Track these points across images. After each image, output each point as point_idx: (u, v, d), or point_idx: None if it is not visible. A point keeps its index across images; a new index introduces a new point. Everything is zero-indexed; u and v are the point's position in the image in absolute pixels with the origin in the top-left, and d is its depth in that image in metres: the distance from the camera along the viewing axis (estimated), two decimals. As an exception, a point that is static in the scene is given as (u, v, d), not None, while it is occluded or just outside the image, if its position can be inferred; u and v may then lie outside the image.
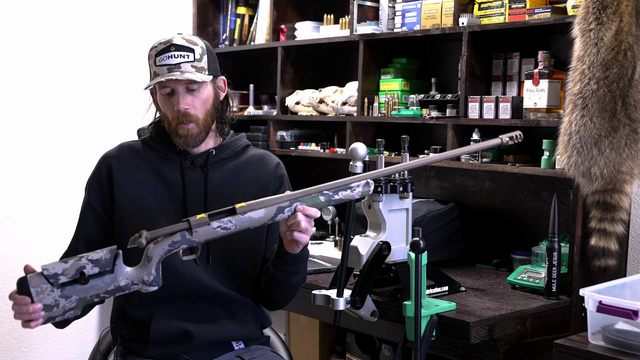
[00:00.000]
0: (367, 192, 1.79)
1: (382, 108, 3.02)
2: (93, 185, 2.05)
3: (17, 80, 3.21)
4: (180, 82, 1.95)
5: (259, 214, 1.73)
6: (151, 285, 1.69)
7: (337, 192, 1.78)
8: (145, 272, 1.68)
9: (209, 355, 2.00)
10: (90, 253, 1.66)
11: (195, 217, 1.69)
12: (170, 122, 1.99)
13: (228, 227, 1.71)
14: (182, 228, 1.69)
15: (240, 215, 1.71)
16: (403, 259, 2.23)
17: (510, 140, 1.85)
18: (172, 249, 1.68)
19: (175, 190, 2.02)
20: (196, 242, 1.70)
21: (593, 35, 2.19)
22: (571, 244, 2.36)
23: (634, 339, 1.87)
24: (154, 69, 1.97)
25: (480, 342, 2.12)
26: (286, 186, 2.12)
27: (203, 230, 1.69)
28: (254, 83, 3.66)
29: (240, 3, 3.70)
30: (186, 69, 1.95)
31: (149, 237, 1.65)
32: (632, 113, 2.19)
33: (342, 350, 3.18)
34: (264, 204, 1.73)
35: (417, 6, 2.89)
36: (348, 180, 1.77)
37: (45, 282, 1.64)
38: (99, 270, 1.66)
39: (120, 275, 1.67)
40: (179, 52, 1.95)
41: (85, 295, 1.66)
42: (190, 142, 1.99)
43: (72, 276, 1.64)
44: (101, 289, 1.67)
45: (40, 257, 3.27)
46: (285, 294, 2.05)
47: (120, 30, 3.50)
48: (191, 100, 1.97)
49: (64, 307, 1.65)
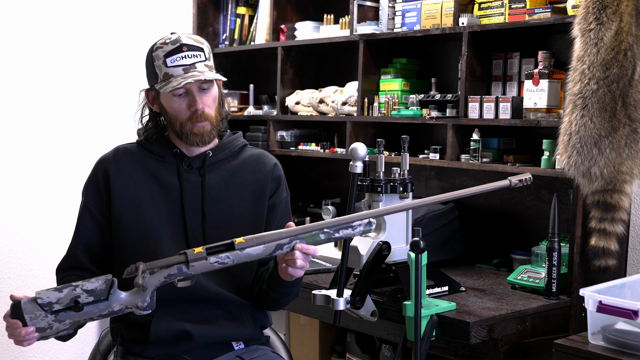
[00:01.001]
0: (369, 231, 1.78)
1: (382, 108, 3.02)
2: (90, 189, 2.04)
3: (17, 81, 3.20)
4: (194, 82, 1.94)
5: (257, 250, 1.72)
6: (145, 310, 1.70)
7: (338, 230, 1.75)
8: (139, 299, 1.69)
9: (209, 355, 2.00)
10: (85, 282, 1.66)
11: (193, 250, 1.69)
12: (182, 122, 1.98)
13: (225, 262, 1.70)
14: (179, 261, 1.68)
15: (238, 251, 1.71)
16: (403, 259, 2.23)
17: (520, 183, 1.84)
18: (168, 280, 1.69)
19: (172, 193, 2.01)
20: (192, 275, 1.70)
21: (593, 35, 2.19)
22: (571, 244, 2.36)
23: (634, 339, 1.87)
24: (164, 70, 1.95)
25: (480, 342, 2.12)
26: (283, 187, 2.11)
27: (200, 264, 1.69)
28: (254, 83, 3.66)
29: (240, 3, 3.70)
30: (201, 68, 1.95)
31: (145, 269, 1.66)
32: (632, 113, 2.19)
33: (342, 350, 3.18)
34: (263, 239, 1.72)
35: (417, 6, 2.89)
36: (350, 218, 1.74)
37: (39, 309, 1.65)
38: (94, 299, 1.67)
39: (114, 302, 1.68)
40: (192, 52, 1.95)
41: (78, 319, 1.67)
42: (206, 140, 2.00)
43: (67, 305, 1.66)
44: (95, 314, 1.68)
45: (41, 257, 3.27)
46: (278, 304, 2.07)
47: (120, 30, 3.50)
48: (205, 99, 1.97)
49: (57, 329, 1.67)
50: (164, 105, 2.00)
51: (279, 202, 2.08)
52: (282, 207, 2.09)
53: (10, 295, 1.70)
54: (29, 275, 3.27)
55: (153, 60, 1.97)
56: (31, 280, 3.27)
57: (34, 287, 3.28)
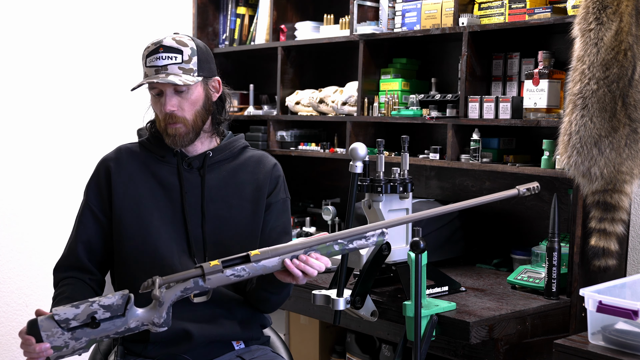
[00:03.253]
0: (382, 242, 1.80)
1: (382, 108, 3.02)
2: (92, 188, 2.05)
3: (17, 81, 3.20)
4: (167, 84, 1.95)
5: (272, 262, 1.73)
6: (161, 326, 1.70)
7: (352, 241, 1.77)
8: (156, 315, 1.69)
9: (209, 355, 2.00)
10: (102, 298, 1.67)
11: (209, 263, 1.69)
12: (159, 122, 2.01)
13: (241, 274, 1.71)
14: (195, 275, 1.69)
15: (254, 263, 1.72)
16: (403, 259, 2.23)
17: (528, 192, 1.85)
18: (184, 294, 1.69)
19: (172, 193, 2.02)
20: (208, 288, 1.70)
21: (593, 35, 2.19)
22: (571, 244, 2.36)
23: (634, 339, 1.87)
24: (144, 69, 1.99)
25: (480, 342, 2.12)
26: (281, 187, 2.11)
27: (216, 277, 1.69)
28: (254, 83, 3.66)
29: (240, 3, 3.70)
30: (173, 70, 1.95)
31: (161, 283, 1.66)
32: (632, 113, 2.19)
33: (342, 350, 3.18)
34: (278, 251, 1.74)
35: (417, 6, 2.89)
36: (364, 228, 1.76)
37: (56, 326, 1.65)
38: (111, 315, 1.67)
39: (131, 319, 1.68)
40: (167, 53, 1.95)
41: (95, 337, 1.67)
42: (178, 142, 2.00)
43: (83, 321, 1.65)
44: (111, 330, 1.68)
45: (40, 257, 3.28)
46: (268, 306, 2.06)
47: (120, 30, 3.50)
48: (178, 101, 1.97)
49: (74, 347, 1.67)
50: (151, 104, 2.04)
51: (275, 201, 2.08)
52: (278, 207, 2.09)
53: (36, 310, 1.70)
54: (29, 275, 3.27)
55: (142, 59, 2.01)
56: (31, 280, 3.28)
57: (34, 287, 3.28)
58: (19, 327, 3.22)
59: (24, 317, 3.24)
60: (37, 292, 3.29)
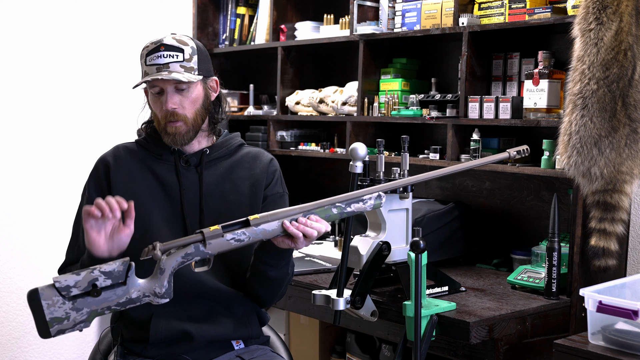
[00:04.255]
0: (379, 205, 1.80)
1: (382, 108, 3.02)
2: (92, 186, 2.06)
3: (16, 81, 3.20)
4: (169, 82, 1.96)
5: (272, 226, 1.75)
6: (163, 297, 1.69)
7: (350, 204, 1.79)
8: (157, 284, 1.68)
9: (209, 355, 2.00)
10: (102, 265, 1.66)
11: (209, 228, 1.70)
12: (159, 120, 2.01)
13: (242, 239, 1.72)
14: (195, 240, 1.69)
15: (253, 227, 1.72)
16: (403, 259, 2.23)
17: (518, 154, 1.86)
18: (185, 260, 1.69)
19: (171, 190, 2.03)
20: (209, 254, 1.70)
21: (593, 35, 2.19)
22: (571, 244, 2.36)
23: (634, 339, 1.87)
24: (144, 68, 2.00)
25: (480, 342, 2.12)
26: (278, 180, 2.12)
27: (217, 242, 1.70)
28: (254, 83, 3.66)
29: (240, 3, 3.70)
30: (174, 68, 1.96)
31: (162, 249, 1.66)
32: (632, 113, 2.19)
33: (342, 350, 3.18)
34: (277, 215, 1.75)
35: (417, 6, 2.89)
36: (360, 192, 1.78)
37: (56, 294, 1.63)
38: (112, 282, 1.65)
39: (132, 288, 1.68)
40: (169, 52, 1.96)
41: (96, 307, 1.65)
42: (178, 141, 2.00)
43: (84, 288, 1.64)
44: (113, 301, 1.66)
45: (41, 257, 3.27)
46: (266, 287, 2.02)
47: (120, 30, 3.50)
48: (179, 99, 1.98)
49: (75, 319, 1.64)
50: (149, 103, 2.05)
51: (271, 194, 2.09)
52: (274, 200, 2.09)
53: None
54: (29, 275, 3.27)
55: (140, 58, 2.02)
56: (31, 280, 3.27)
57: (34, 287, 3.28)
58: (19, 327, 3.23)
59: (24, 317, 3.24)
60: (37, 292, 3.28)
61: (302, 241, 1.79)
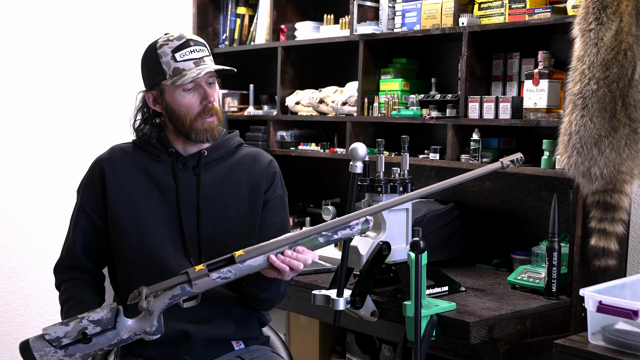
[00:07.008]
0: (367, 229, 1.78)
1: (382, 108, 3.02)
2: (86, 190, 2.04)
3: (14, 81, 3.20)
4: (205, 75, 1.96)
5: (258, 261, 1.72)
6: (154, 334, 1.70)
7: (337, 231, 1.76)
8: (147, 324, 1.69)
9: (209, 355, 2.00)
10: (90, 313, 1.66)
11: (194, 268, 1.69)
12: (192, 118, 1.97)
13: (227, 276, 1.70)
14: (181, 281, 1.69)
15: (239, 264, 1.71)
16: (403, 259, 2.23)
17: (511, 163, 1.85)
18: (173, 301, 1.69)
19: (168, 193, 2.01)
20: (196, 293, 1.70)
21: (593, 35, 2.19)
22: (571, 244, 2.36)
23: (634, 339, 1.87)
24: (174, 65, 1.94)
25: (480, 342, 2.12)
26: (278, 184, 2.10)
27: (202, 282, 1.69)
28: (254, 83, 3.66)
29: (240, 3, 3.71)
30: (209, 62, 1.98)
31: (148, 293, 1.66)
32: (632, 113, 2.19)
33: (342, 350, 3.18)
34: (263, 249, 1.73)
35: (417, 6, 2.89)
36: (347, 218, 1.75)
37: (47, 345, 1.64)
38: (101, 329, 1.67)
39: (122, 330, 1.68)
40: (198, 46, 1.98)
41: (89, 351, 1.67)
42: (215, 135, 2.00)
43: (75, 337, 1.65)
44: (104, 344, 1.68)
45: (40, 257, 3.27)
46: (260, 305, 2.04)
47: (120, 30, 3.50)
48: (214, 92, 2.00)
49: None
50: (170, 102, 1.99)
51: (272, 198, 2.08)
52: (275, 203, 2.08)
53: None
54: (29, 275, 3.27)
55: (159, 57, 1.96)
56: (31, 280, 3.27)
57: (34, 287, 3.28)
58: (19, 327, 3.23)
59: (24, 317, 3.25)
60: (37, 292, 3.29)
61: (288, 273, 1.76)
